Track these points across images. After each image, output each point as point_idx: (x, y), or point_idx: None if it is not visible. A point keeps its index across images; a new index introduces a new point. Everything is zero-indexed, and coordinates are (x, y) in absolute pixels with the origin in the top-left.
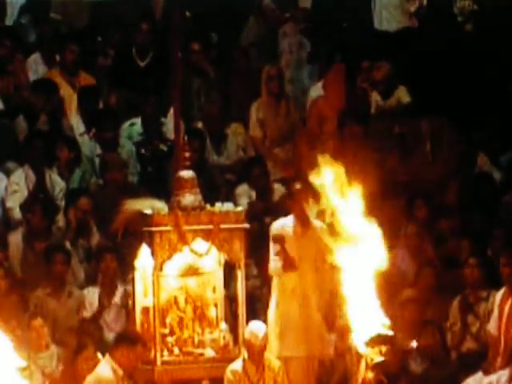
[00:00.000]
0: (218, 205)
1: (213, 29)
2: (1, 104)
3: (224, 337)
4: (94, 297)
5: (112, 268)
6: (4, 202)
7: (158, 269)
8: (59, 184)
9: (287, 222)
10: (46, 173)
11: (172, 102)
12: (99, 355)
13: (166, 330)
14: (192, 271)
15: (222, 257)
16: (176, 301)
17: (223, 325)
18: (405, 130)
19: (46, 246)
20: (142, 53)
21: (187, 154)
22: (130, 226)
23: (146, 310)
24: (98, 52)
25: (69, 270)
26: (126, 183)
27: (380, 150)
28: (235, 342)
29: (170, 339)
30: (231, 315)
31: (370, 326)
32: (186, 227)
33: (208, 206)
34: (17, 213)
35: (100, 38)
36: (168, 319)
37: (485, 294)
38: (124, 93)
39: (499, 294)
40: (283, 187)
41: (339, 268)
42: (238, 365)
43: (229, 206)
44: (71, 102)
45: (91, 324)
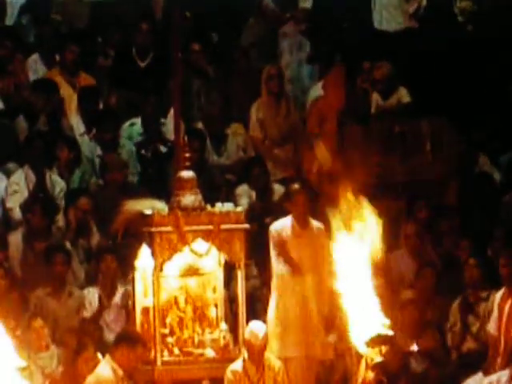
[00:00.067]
0: (218, 205)
1: (213, 29)
2: (1, 104)
3: (224, 337)
4: (95, 297)
5: (112, 268)
6: (4, 202)
7: (158, 269)
8: (59, 184)
9: (286, 223)
10: (46, 173)
11: (172, 103)
12: (99, 355)
13: (166, 331)
14: (192, 271)
15: (222, 257)
16: (176, 301)
17: (223, 325)
18: (405, 130)
19: (46, 246)
20: (142, 53)
21: (187, 154)
22: (130, 226)
23: (146, 310)
24: (98, 52)
25: (69, 271)
26: (126, 183)
27: (380, 150)
28: (235, 342)
29: (170, 339)
30: (231, 315)
31: (369, 326)
32: (186, 227)
33: (208, 206)
34: (17, 213)
35: (100, 39)
36: (168, 319)
37: (485, 294)
38: (124, 93)
39: (499, 295)
40: (283, 187)
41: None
42: (238, 365)
43: (229, 206)
44: (71, 102)
45: (91, 324)
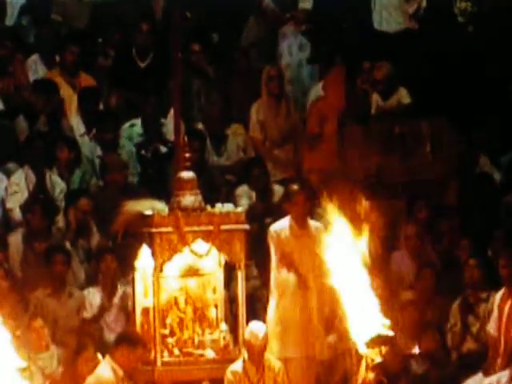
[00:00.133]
0: (219, 206)
1: (213, 29)
2: (1, 104)
3: (224, 337)
4: (95, 297)
5: (112, 268)
6: (4, 202)
7: (158, 269)
8: (59, 185)
9: (285, 224)
10: (46, 173)
11: (172, 103)
12: (99, 356)
13: (166, 331)
14: (192, 272)
15: (222, 258)
16: (176, 301)
17: (223, 326)
18: (405, 130)
19: (46, 246)
20: (142, 53)
21: (187, 154)
22: (131, 227)
23: (146, 310)
24: (98, 53)
25: (69, 271)
26: (126, 184)
27: (380, 150)
28: (235, 343)
29: (170, 340)
30: (231, 316)
31: (370, 326)
32: (186, 228)
33: (208, 206)
34: (17, 213)
35: (100, 39)
36: (168, 320)
37: (485, 294)
38: (124, 93)
39: (499, 295)
40: (283, 188)
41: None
42: (238, 365)
43: (229, 206)
44: (71, 102)
45: (91, 325)
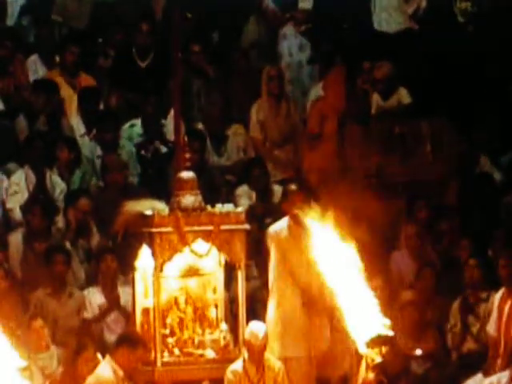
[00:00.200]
0: (219, 206)
1: (213, 29)
2: (1, 105)
3: (224, 337)
4: (95, 297)
5: (112, 269)
6: (4, 202)
7: (158, 270)
8: (59, 185)
9: (283, 224)
10: (47, 174)
11: (172, 103)
12: (99, 356)
13: (167, 331)
14: (192, 272)
15: (223, 258)
16: (176, 301)
17: (223, 325)
18: (405, 130)
19: (46, 246)
20: (143, 53)
21: (187, 154)
22: (131, 227)
23: (146, 310)
24: (98, 53)
25: (69, 271)
26: (126, 184)
27: (380, 150)
28: (235, 343)
29: (170, 340)
30: (231, 316)
31: (370, 326)
32: (187, 228)
33: (208, 206)
34: (17, 213)
35: (100, 39)
36: (168, 320)
37: (485, 294)
38: (124, 94)
39: (498, 295)
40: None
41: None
42: (238, 365)
43: (229, 206)
44: (71, 102)
45: (92, 325)
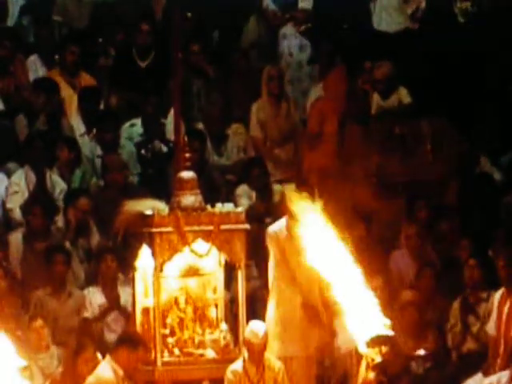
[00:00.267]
0: (219, 205)
1: (213, 29)
2: (1, 105)
3: (224, 337)
4: (95, 297)
5: (112, 268)
6: (4, 202)
7: (158, 269)
8: (60, 185)
9: (282, 224)
10: (47, 173)
11: (172, 103)
12: (99, 356)
13: (167, 331)
14: (192, 272)
15: (223, 257)
16: (176, 301)
17: (223, 325)
18: (405, 130)
19: (47, 246)
20: (143, 53)
21: (187, 154)
22: (131, 226)
23: (146, 310)
24: (98, 53)
25: (69, 271)
26: (126, 184)
27: (380, 150)
28: (236, 343)
29: (170, 340)
30: (231, 316)
31: (370, 326)
32: (187, 228)
33: (208, 206)
34: (17, 213)
35: (101, 39)
36: (168, 320)
37: (485, 294)
38: (124, 93)
39: (497, 295)
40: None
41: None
42: (238, 365)
43: (229, 206)
44: (71, 102)
45: (92, 325)
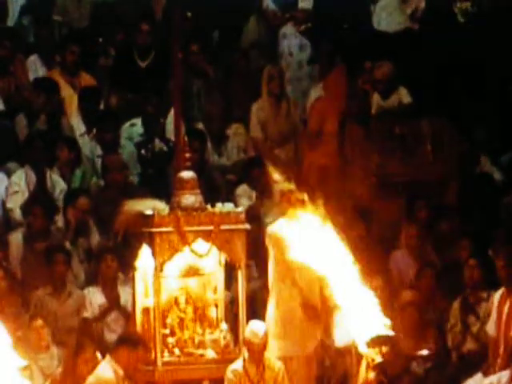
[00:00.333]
0: (219, 205)
1: (213, 29)
2: (1, 105)
3: (224, 337)
4: (95, 296)
5: (112, 268)
6: (4, 202)
7: (158, 269)
8: (60, 185)
9: (282, 224)
10: (47, 173)
11: (172, 103)
12: (99, 356)
13: (167, 331)
14: (192, 272)
15: (223, 257)
16: (176, 301)
17: (224, 325)
18: (405, 130)
19: (47, 246)
20: (143, 53)
21: (188, 154)
22: (131, 226)
23: (146, 310)
24: (98, 53)
25: (69, 271)
26: (126, 184)
27: (381, 150)
28: (236, 343)
29: (170, 340)
30: (232, 316)
31: (370, 326)
32: (187, 228)
33: (208, 206)
34: (17, 213)
35: (101, 39)
36: (168, 320)
37: (485, 294)
38: (124, 93)
39: (497, 295)
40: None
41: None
42: (238, 365)
43: (229, 206)
44: (72, 102)
45: (92, 324)
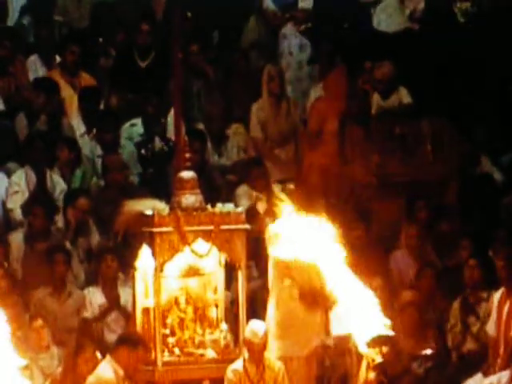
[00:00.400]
0: (219, 205)
1: (213, 29)
2: (1, 105)
3: (225, 337)
4: (95, 297)
5: (112, 269)
6: (5, 202)
7: (158, 269)
8: (60, 185)
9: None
10: (47, 173)
11: (173, 103)
12: (99, 356)
13: (167, 331)
14: (193, 272)
15: (223, 257)
16: (177, 301)
17: (224, 325)
18: (405, 130)
19: (47, 246)
20: (143, 53)
21: (188, 154)
22: (131, 226)
23: (146, 310)
24: (98, 53)
25: (69, 271)
26: (126, 184)
27: (381, 150)
28: (236, 343)
29: (170, 340)
30: (232, 316)
31: (370, 326)
32: (187, 228)
33: (209, 206)
34: (18, 213)
35: (101, 39)
36: (169, 320)
37: (485, 294)
38: (125, 93)
39: (497, 295)
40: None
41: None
42: (238, 364)
43: (229, 206)
44: (72, 102)
45: (92, 324)
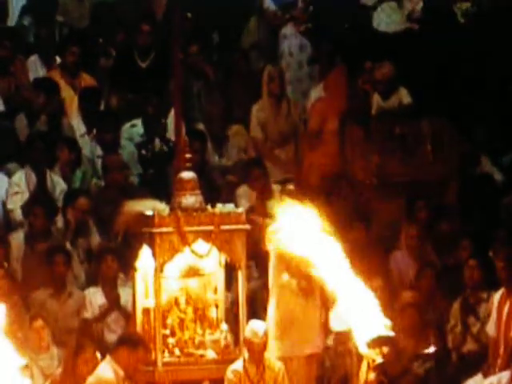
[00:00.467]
0: (219, 206)
1: (213, 30)
2: (1, 105)
3: (225, 338)
4: (95, 297)
5: (113, 269)
6: (5, 203)
7: (158, 270)
8: (60, 185)
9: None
10: (47, 174)
11: (173, 103)
12: (99, 356)
13: (167, 331)
14: (193, 272)
15: (223, 258)
16: (177, 302)
17: (224, 326)
18: (405, 130)
19: (47, 247)
20: (143, 54)
21: (188, 155)
22: (131, 227)
23: (146, 311)
24: (99, 53)
25: (69, 271)
26: (126, 184)
27: (381, 150)
28: (236, 343)
29: (170, 340)
30: (232, 316)
31: (370, 326)
32: (187, 228)
33: (209, 207)
34: (18, 214)
35: (101, 39)
36: (169, 320)
37: (485, 294)
38: (125, 94)
39: (497, 296)
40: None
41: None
42: (238, 365)
43: (230, 207)
44: (72, 102)
45: (92, 325)
